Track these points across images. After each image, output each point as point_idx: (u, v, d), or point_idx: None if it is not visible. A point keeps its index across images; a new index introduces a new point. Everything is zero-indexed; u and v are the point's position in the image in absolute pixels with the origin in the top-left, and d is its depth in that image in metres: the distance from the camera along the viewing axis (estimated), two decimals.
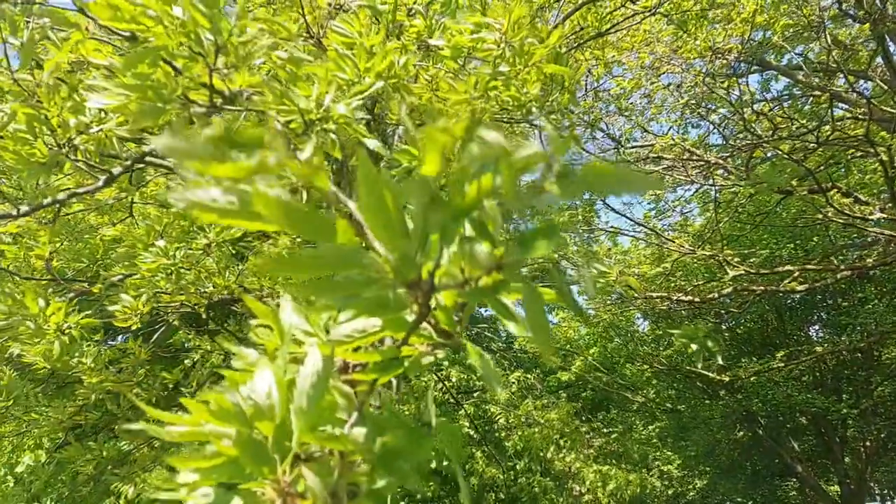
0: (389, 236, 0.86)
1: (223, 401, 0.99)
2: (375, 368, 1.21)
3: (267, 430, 0.95)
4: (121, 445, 7.49)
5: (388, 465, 1.01)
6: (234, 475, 0.99)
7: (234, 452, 0.94)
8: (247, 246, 5.61)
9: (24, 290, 2.86)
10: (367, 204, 0.83)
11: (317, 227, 0.82)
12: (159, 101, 1.79)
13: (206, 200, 0.81)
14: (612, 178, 0.79)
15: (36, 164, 2.15)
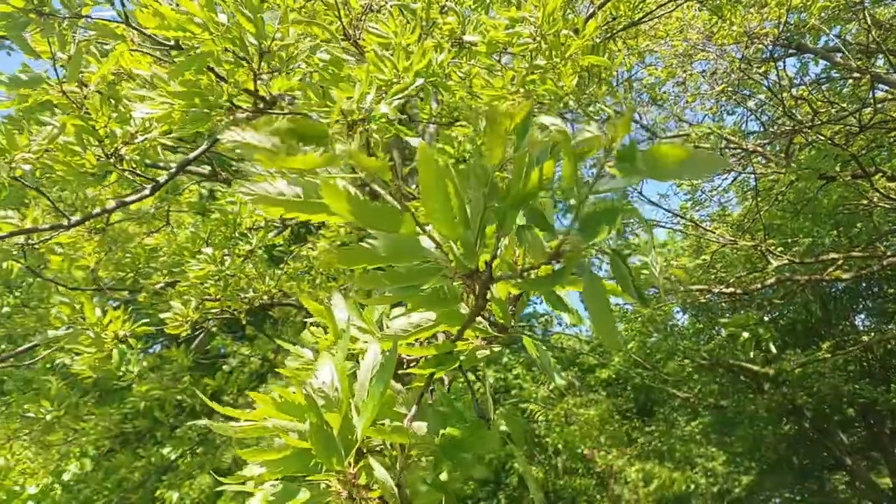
0: (450, 225, 0.85)
1: (290, 394, 1.00)
2: (431, 363, 1.21)
3: (334, 423, 0.95)
4: (166, 453, 7.64)
5: (453, 456, 1.01)
6: (299, 468, 1.00)
7: (302, 445, 0.94)
8: (284, 251, 5.67)
9: (82, 300, 2.92)
10: (428, 193, 0.83)
11: (381, 218, 0.82)
12: (206, 107, 1.81)
13: (273, 194, 0.82)
14: (677, 159, 0.77)
15: (86, 174, 2.19)
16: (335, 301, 1.37)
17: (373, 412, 0.95)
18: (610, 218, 0.80)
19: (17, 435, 5.19)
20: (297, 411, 0.97)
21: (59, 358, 4.45)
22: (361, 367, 1.06)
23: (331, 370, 1.03)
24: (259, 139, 0.77)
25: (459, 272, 0.89)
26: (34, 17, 1.89)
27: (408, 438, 1.01)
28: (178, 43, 2.06)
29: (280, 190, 0.81)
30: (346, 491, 0.96)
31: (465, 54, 3.71)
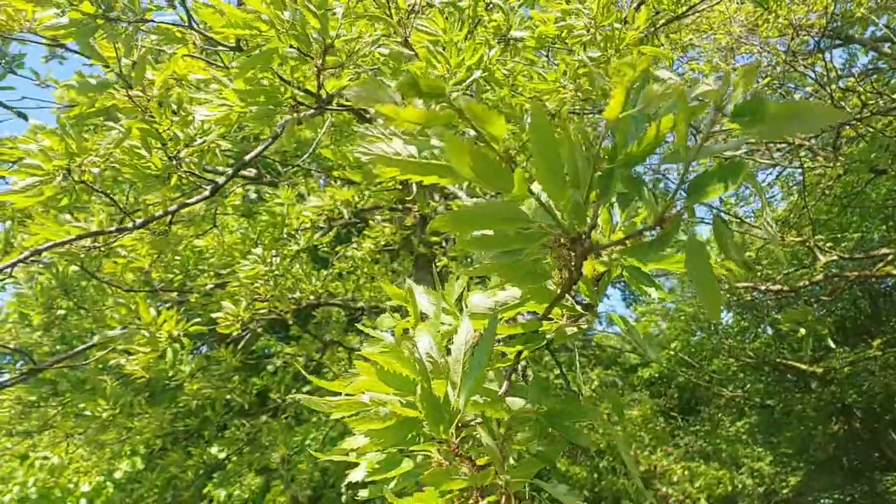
0: (559, 187, 0.85)
1: (391, 364, 1.01)
2: (519, 341, 1.22)
3: (440, 390, 0.96)
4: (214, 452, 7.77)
5: (557, 424, 1.01)
6: (399, 439, 1.01)
7: (410, 413, 0.96)
8: (329, 252, 5.74)
9: (137, 301, 2.99)
10: (539, 153, 0.83)
11: (498, 176, 0.82)
12: (271, 104, 1.85)
13: (390, 154, 0.84)
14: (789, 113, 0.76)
15: (150, 176, 2.25)
16: (412, 284, 1.38)
17: (474, 384, 0.96)
18: (725, 177, 0.78)
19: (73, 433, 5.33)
20: (401, 381, 0.98)
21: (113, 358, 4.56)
22: (455, 344, 1.07)
23: (429, 341, 1.04)
24: (381, 94, 0.79)
25: (564, 237, 0.89)
26: (101, 23, 1.94)
27: (504, 412, 1.02)
28: (238, 44, 2.10)
29: (396, 150, 0.83)
30: (446, 460, 0.97)
31: (510, 51, 3.71)
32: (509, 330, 1.20)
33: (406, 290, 1.34)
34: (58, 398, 6.60)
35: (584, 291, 1.14)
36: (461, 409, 0.96)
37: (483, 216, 0.87)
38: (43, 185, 1.97)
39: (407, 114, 0.82)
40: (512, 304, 1.17)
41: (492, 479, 0.94)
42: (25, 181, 1.97)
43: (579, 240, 0.92)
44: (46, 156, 1.95)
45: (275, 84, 1.81)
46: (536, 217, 0.90)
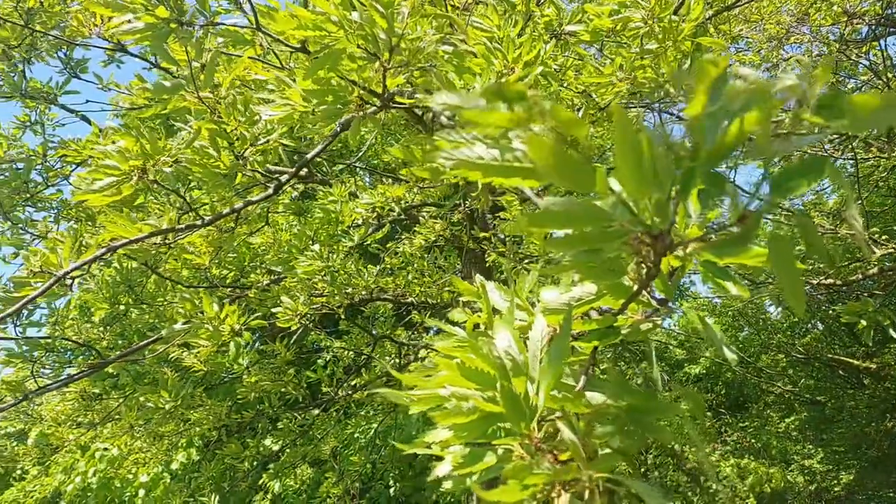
0: (641, 185, 0.87)
1: (473, 361, 1.04)
2: (594, 336, 1.24)
3: (520, 387, 0.99)
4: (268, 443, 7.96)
5: (639, 421, 1.03)
6: (481, 433, 1.05)
7: (493, 408, 0.99)
8: (380, 248, 5.81)
9: (201, 296, 3.09)
10: (621, 151, 0.85)
11: (580, 176, 0.85)
12: (338, 103, 1.90)
13: (472, 158, 0.87)
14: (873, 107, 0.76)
15: (219, 175, 2.32)
16: (483, 280, 1.41)
17: (553, 379, 0.99)
18: (809, 172, 0.79)
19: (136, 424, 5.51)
20: (482, 377, 1.01)
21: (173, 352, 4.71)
22: (530, 340, 1.09)
23: (508, 338, 1.07)
24: (467, 100, 0.82)
25: (645, 234, 0.91)
26: (174, 27, 2.02)
27: (583, 407, 1.04)
28: (303, 45, 2.16)
29: (479, 154, 0.85)
30: (528, 455, 1.00)
31: (561, 45, 3.71)
32: (584, 326, 1.22)
33: (479, 286, 1.37)
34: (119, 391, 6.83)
35: (658, 286, 1.15)
36: (541, 405, 0.99)
37: (564, 216, 0.89)
38: (120, 185, 2.06)
39: (492, 118, 0.85)
40: (587, 299, 1.19)
41: (574, 474, 0.96)
42: (103, 181, 2.06)
43: (660, 237, 0.94)
44: (123, 156, 2.04)
45: (342, 84, 1.86)
46: (618, 215, 0.92)
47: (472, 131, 0.92)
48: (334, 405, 7.12)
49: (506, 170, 0.86)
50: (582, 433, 1.01)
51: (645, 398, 1.04)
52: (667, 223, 0.92)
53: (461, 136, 0.90)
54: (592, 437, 1.06)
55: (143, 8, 1.90)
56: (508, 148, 0.90)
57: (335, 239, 4.26)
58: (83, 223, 4.76)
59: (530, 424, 0.96)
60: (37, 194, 4.94)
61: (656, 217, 0.90)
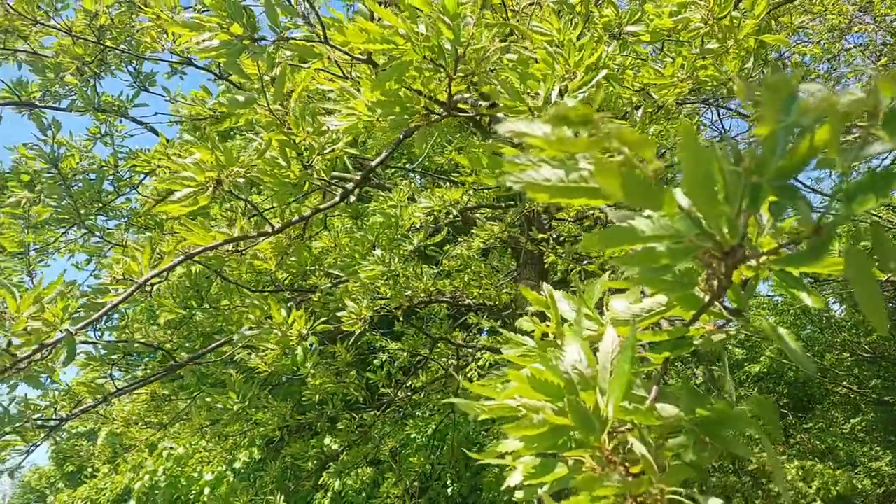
0: (711, 203, 0.88)
1: (542, 373, 1.06)
2: (665, 347, 1.24)
3: (589, 400, 1.01)
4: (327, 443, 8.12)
5: (714, 434, 1.03)
6: (551, 444, 1.06)
7: (562, 421, 1.01)
8: (437, 251, 5.86)
9: (269, 302, 3.18)
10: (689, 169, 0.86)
11: (647, 195, 0.86)
12: (405, 113, 1.94)
13: (539, 180, 0.89)
14: None
15: (289, 184, 2.40)
16: (551, 290, 1.43)
17: (621, 392, 1.00)
18: (881, 185, 0.79)
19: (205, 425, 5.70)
20: (552, 390, 1.03)
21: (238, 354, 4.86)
22: (601, 351, 1.10)
23: (577, 350, 1.08)
24: (533, 127, 0.84)
25: (717, 251, 0.92)
26: (247, 43, 2.09)
27: (654, 419, 1.05)
28: (369, 57, 2.21)
29: (545, 176, 0.87)
30: (599, 466, 1.01)
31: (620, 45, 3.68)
32: (655, 336, 1.23)
33: (547, 295, 1.38)
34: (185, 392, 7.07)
35: (731, 297, 1.15)
36: (610, 417, 1.00)
37: (633, 234, 0.90)
38: (197, 195, 2.15)
39: (557, 144, 0.87)
40: (657, 310, 1.19)
41: (645, 487, 0.97)
42: (182, 192, 2.15)
43: (731, 252, 0.94)
44: (200, 168, 2.13)
45: (409, 94, 1.90)
46: (687, 232, 0.93)
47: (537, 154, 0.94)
48: (392, 406, 7.21)
49: (572, 191, 0.88)
50: (653, 446, 1.01)
51: (720, 411, 1.04)
52: (737, 238, 0.92)
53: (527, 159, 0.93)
54: (664, 450, 1.06)
55: (218, 27, 1.98)
56: (574, 168, 0.92)
57: (395, 243, 4.33)
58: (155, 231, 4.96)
59: (600, 437, 0.97)
60: (109, 203, 5.16)
61: (727, 232, 0.91)
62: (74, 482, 13.56)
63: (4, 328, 1.84)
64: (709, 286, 1.10)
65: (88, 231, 4.73)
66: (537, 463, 1.06)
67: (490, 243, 5.44)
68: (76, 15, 4.43)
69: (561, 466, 1.06)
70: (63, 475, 14.49)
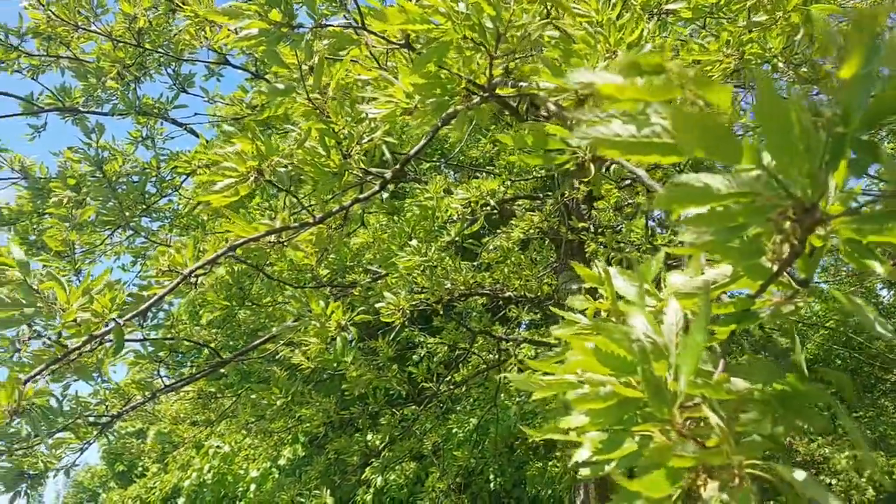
0: (792, 157, 0.83)
1: (608, 345, 1.02)
2: (731, 320, 1.19)
3: (661, 371, 0.96)
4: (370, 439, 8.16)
5: (790, 407, 0.98)
6: (618, 419, 1.02)
7: (633, 394, 0.97)
8: (474, 244, 5.83)
9: (307, 295, 3.19)
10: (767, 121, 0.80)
11: (727, 148, 0.81)
12: (445, 95, 1.91)
13: (609, 135, 0.85)
14: None
15: (329, 174, 2.39)
16: (606, 267, 1.38)
17: (694, 363, 0.95)
18: None
19: (250, 421, 5.76)
20: (620, 362, 0.99)
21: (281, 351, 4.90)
22: (665, 324, 1.06)
23: (645, 323, 1.04)
24: (604, 76, 0.80)
25: (795, 209, 0.86)
26: (285, 31, 2.08)
27: (725, 393, 1.00)
28: (407, 41, 2.18)
29: (615, 131, 0.83)
30: (669, 441, 0.97)
31: (659, 25, 3.60)
32: (719, 309, 1.18)
33: (602, 271, 1.34)
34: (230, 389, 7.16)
35: (800, 266, 1.09)
36: (682, 390, 0.95)
37: (707, 191, 0.86)
38: (238, 185, 2.16)
39: (630, 91, 0.83)
40: (721, 282, 1.14)
41: (723, 459, 0.92)
42: (223, 182, 2.16)
43: (811, 210, 0.89)
44: (241, 158, 2.13)
45: (449, 76, 1.87)
46: (765, 188, 0.88)
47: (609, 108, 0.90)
48: (434, 401, 7.20)
49: (644, 146, 0.83)
50: (727, 419, 0.97)
51: (794, 384, 0.99)
52: (818, 194, 0.87)
53: (596, 115, 0.89)
54: (738, 425, 1.01)
55: (256, 14, 1.97)
56: (646, 123, 0.87)
57: (432, 234, 4.32)
58: (198, 230, 5.02)
59: (672, 410, 0.93)
60: (152, 205, 5.24)
61: (809, 190, 0.85)
62: (125, 481, 13.89)
63: (55, 320, 1.86)
64: (777, 254, 1.05)
65: (134, 232, 4.81)
66: (605, 438, 1.02)
67: (529, 234, 5.39)
68: (115, 19, 4.50)
69: (630, 442, 1.02)
70: (114, 474, 14.86)
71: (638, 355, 0.96)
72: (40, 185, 5.23)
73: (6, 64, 4.82)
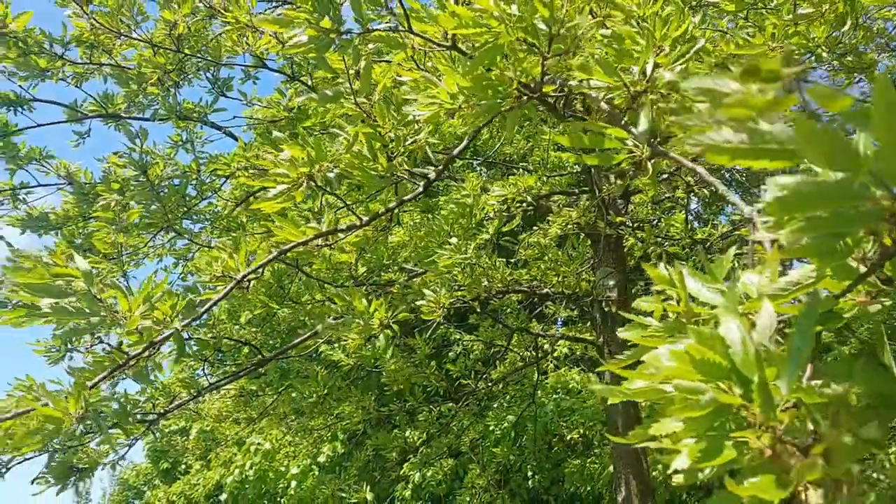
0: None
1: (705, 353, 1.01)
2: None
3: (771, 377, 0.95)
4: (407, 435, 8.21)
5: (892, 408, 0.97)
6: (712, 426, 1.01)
7: (733, 400, 0.95)
8: (511, 241, 5.83)
9: (349, 293, 3.20)
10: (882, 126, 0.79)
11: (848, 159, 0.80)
12: (497, 97, 1.90)
13: (720, 142, 0.84)
14: None
15: (376, 177, 2.40)
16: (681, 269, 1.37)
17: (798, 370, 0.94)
18: None
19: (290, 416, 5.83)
20: (718, 370, 0.98)
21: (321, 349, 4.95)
22: (758, 327, 1.04)
23: (739, 328, 1.02)
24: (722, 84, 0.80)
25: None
26: (334, 37, 2.09)
27: (819, 396, 0.99)
28: (454, 44, 2.18)
29: (726, 138, 0.83)
30: (770, 448, 0.96)
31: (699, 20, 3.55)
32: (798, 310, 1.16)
33: (673, 272, 1.32)
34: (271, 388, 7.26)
35: (888, 266, 1.07)
36: (784, 395, 0.94)
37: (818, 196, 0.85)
38: (291, 191, 2.18)
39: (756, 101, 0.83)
40: (806, 283, 1.13)
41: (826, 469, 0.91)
42: (276, 189, 2.18)
43: None
44: (293, 165, 2.15)
45: (501, 77, 1.87)
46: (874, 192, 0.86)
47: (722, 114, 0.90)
48: (471, 398, 7.21)
49: (756, 152, 0.83)
50: (827, 424, 0.95)
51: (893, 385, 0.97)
52: None
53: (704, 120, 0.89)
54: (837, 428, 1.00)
55: (306, 22, 1.99)
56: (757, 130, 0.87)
57: (470, 232, 4.32)
58: (239, 231, 5.09)
59: (776, 417, 0.92)
60: (193, 208, 5.32)
61: None
62: (169, 479, 14.14)
63: (119, 327, 1.90)
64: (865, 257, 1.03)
65: (177, 234, 4.89)
66: (704, 446, 1.02)
67: (567, 230, 5.36)
68: (155, 26, 4.57)
69: (729, 449, 1.01)
70: (159, 472, 15.15)
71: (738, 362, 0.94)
72: (85, 191, 5.35)
73: (52, 72, 4.92)
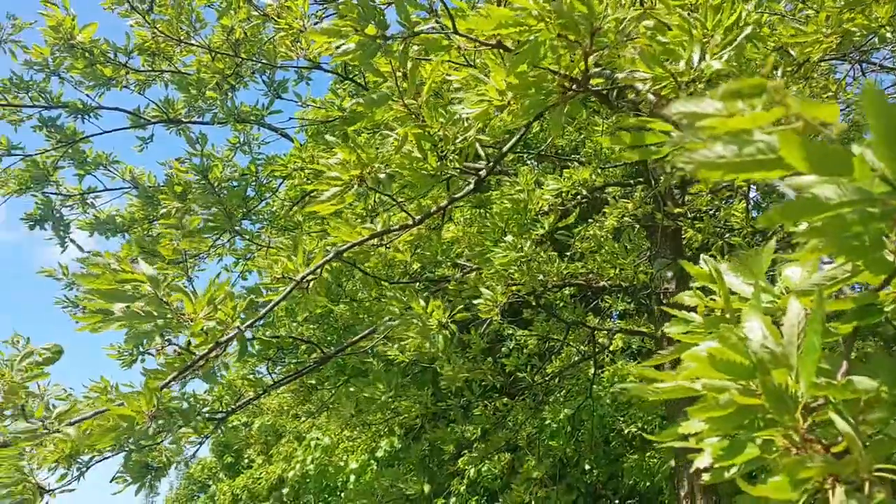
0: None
1: (723, 352, 1.02)
2: (853, 316, 1.15)
3: (780, 378, 0.96)
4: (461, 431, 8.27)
5: None
6: (738, 425, 1.02)
7: (752, 401, 0.96)
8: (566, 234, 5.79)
9: (408, 293, 3.27)
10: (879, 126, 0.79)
11: (836, 163, 0.80)
12: (541, 94, 1.92)
13: (712, 158, 0.85)
14: None
15: (427, 176, 2.44)
16: (717, 265, 1.36)
17: (812, 367, 0.94)
18: None
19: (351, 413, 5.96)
20: (737, 369, 0.98)
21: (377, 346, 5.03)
22: (785, 325, 1.04)
23: (761, 327, 1.03)
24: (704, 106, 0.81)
25: None
26: (380, 42, 2.15)
27: (850, 393, 0.98)
28: (499, 42, 2.21)
29: (718, 153, 0.83)
30: (793, 447, 0.96)
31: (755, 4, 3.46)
32: (840, 305, 1.14)
33: (712, 268, 1.32)
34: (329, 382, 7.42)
35: None
36: (803, 394, 0.94)
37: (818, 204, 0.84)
38: (343, 193, 2.25)
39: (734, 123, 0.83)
40: (842, 277, 1.11)
41: (854, 468, 0.90)
42: (329, 192, 2.25)
43: None
44: (345, 167, 2.22)
45: (544, 74, 1.88)
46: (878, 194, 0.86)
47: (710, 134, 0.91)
48: (528, 392, 7.21)
49: (748, 164, 0.83)
50: (854, 422, 0.94)
51: None
52: None
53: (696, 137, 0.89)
54: (865, 425, 0.99)
55: (352, 30, 2.04)
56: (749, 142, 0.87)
57: (525, 228, 4.33)
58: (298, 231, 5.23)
59: (794, 415, 0.92)
60: (253, 209, 5.49)
61: None
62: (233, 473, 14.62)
63: (186, 329, 2.00)
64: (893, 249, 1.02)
65: (238, 235, 5.05)
66: (726, 445, 1.02)
67: (623, 221, 5.30)
68: (213, 31, 4.74)
69: (751, 447, 1.01)
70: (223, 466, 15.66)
71: (756, 363, 0.95)
72: (150, 194, 5.58)
73: (116, 81, 5.15)
